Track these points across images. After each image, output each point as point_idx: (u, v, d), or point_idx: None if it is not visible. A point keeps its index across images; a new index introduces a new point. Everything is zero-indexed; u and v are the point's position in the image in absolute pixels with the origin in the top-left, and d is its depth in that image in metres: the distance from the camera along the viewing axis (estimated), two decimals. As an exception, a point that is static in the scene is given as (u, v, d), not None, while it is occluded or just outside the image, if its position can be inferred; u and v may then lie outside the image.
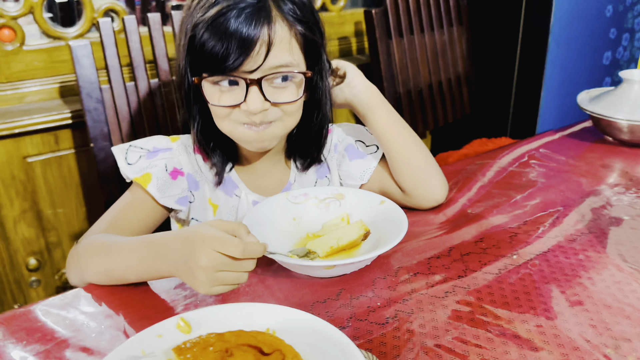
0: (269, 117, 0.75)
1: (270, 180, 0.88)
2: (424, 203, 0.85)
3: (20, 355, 0.57)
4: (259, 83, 0.71)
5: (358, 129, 0.93)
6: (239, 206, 0.86)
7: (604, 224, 0.81)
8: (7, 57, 1.25)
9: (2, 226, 1.27)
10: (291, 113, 0.77)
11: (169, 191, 0.81)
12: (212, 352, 0.50)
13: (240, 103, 0.72)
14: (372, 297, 0.65)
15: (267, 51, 0.70)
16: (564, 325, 0.60)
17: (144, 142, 0.84)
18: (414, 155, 0.84)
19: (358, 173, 0.87)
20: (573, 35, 1.88)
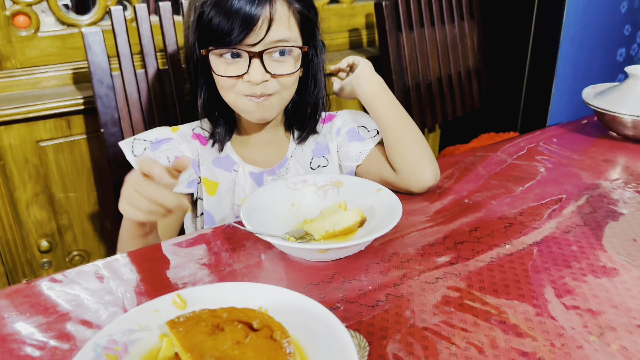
0: (269, 89, 0.82)
1: (267, 152, 0.94)
2: (414, 183, 0.87)
3: (23, 326, 0.59)
4: (260, 56, 0.79)
5: (362, 115, 0.98)
6: (236, 179, 0.92)
7: (601, 217, 0.81)
8: (22, 43, 1.28)
9: (15, 208, 1.31)
10: (288, 86, 0.85)
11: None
12: (204, 326, 0.52)
13: (243, 74, 0.80)
14: (364, 281, 0.67)
15: (268, 27, 0.78)
16: (550, 313, 0.61)
17: (146, 134, 0.92)
18: (408, 136, 0.89)
19: (355, 154, 0.93)
20: (586, 31, 1.87)
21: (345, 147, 0.94)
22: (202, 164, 0.93)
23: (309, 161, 0.95)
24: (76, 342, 0.57)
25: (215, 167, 0.93)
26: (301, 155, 0.95)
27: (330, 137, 0.96)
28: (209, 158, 0.93)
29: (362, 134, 0.94)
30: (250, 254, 0.72)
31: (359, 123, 0.95)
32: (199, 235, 0.78)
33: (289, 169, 0.94)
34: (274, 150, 0.95)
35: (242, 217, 0.70)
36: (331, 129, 0.97)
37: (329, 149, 0.96)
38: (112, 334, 0.53)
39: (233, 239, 0.76)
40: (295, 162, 0.94)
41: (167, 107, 1.23)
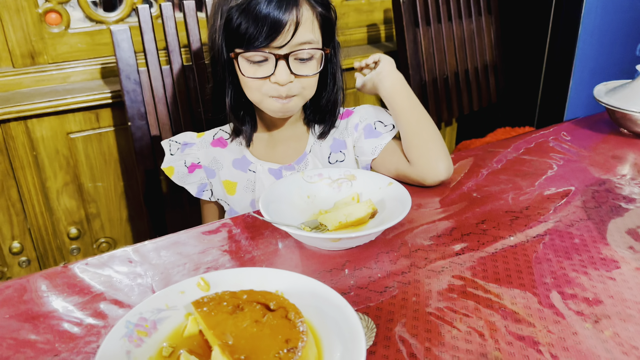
0: (293, 90, 0.87)
1: (287, 148, 0.99)
2: (428, 176, 0.91)
3: (61, 305, 0.65)
4: (286, 58, 0.84)
5: (379, 110, 1.01)
6: (255, 179, 0.97)
7: (605, 211, 0.84)
8: (53, 39, 1.34)
9: (46, 197, 1.38)
10: (309, 87, 0.90)
11: (187, 180, 1.01)
12: (225, 307, 0.57)
13: (269, 75, 0.85)
14: (374, 269, 0.71)
15: (294, 30, 0.83)
16: (548, 301, 0.65)
17: (179, 137, 1.03)
18: (425, 132, 0.93)
19: (370, 149, 0.97)
20: (605, 26, 1.87)
21: (361, 142, 0.98)
22: (222, 167, 1.00)
23: (327, 156, 1.00)
24: (109, 319, 0.63)
25: (234, 168, 0.99)
26: (319, 150, 1.00)
27: (347, 132, 1.00)
28: (229, 160, 1.00)
29: (379, 129, 0.97)
30: (268, 242, 0.77)
31: (376, 118, 0.99)
32: (221, 224, 0.83)
33: (308, 163, 0.98)
34: (293, 146, 1.00)
35: (261, 207, 0.75)
36: (348, 125, 1.00)
37: (346, 144, 1.00)
38: (142, 313, 0.58)
39: (252, 228, 0.81)
40: (314, 157, 0.99)
41: (190, 101, 1.28)
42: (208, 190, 1.02)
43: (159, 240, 0.78)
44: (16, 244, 1.37)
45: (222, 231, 0.81)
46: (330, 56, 0.94)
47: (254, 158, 0.99)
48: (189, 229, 0.82)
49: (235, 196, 0.99)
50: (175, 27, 1.24)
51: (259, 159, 0.99)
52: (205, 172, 1.01)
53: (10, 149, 1.30)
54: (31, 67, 1.34)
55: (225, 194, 1.00)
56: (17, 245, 1.37)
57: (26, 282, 0.70)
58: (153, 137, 1.26)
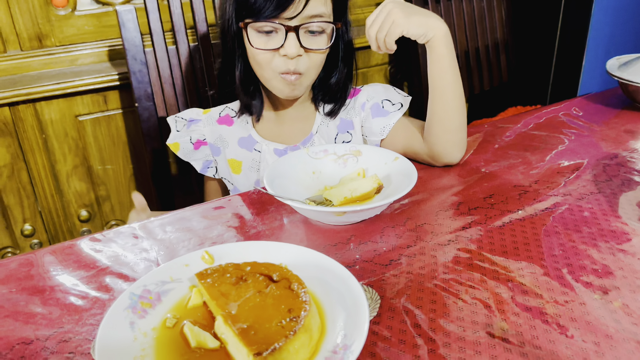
0: (301, 66, 0.85)
1: (293, 129, 0.98)
2: (440, 159, 0.89)
3: (67, 279, 0.66)
4: (296, 30, 0.82)
5: (386, 88, 0.99)
6: (260, 159, 0.96)
7: (616, 185, 0.83)
8: (60, 22, 1.34)
9: (57, 179, 1.39)
10: (317, 64, 0.88)
11: (193, 156, 1.01)
12: (229, 278, 0.57)
13: (278, 47, 0.83)
14: (379, 243, 0.71)
15: (306, 2, 0.81)
16: (556, 273, 0.64)
17: (185, 113, 1.02)
18: (457, 113, 0.86)
19: (378, 129, 0.95)
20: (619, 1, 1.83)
21: (368, 122, 0.96)
22: (228, 145, 0.99)
23: (334, 137, 0.98)
24: (114, 292, 0.63)
25: (239, 147, 0.98)
26: (326, 130, 0.98)
27: (354, 112, 0.98)
28: (235, 139, 0.99)
29: (387, 108, 0.95)
30: (273, 218, 0.77)
31: (383, 97, 0.96)
32: (226, 200, 0.83)
33: (314, 144, 0.97)
34: (299, 127, 0.99)
35: (266, 183, 0.75)
36: (355, 104, 0.99)
37: (353, 124, 0.98)
38: (146, 285, 0.58)
39: (257, 204, 0.81)
40: (320, 137, 0.98)
41: (197, 82, 1.28)
42: (213, 167, 1.02)
43: (165, 217, 0.78)
44: (28, 226, 1.38)
45: (227, 207, 0.81)
46: (341, 33, 0.91)
47: (259, 137, 0.98)
48: (194, 206, 0.81)
49: (241, 175, 0.99)
50: (181, 8, 1.23)
51: (265, 139, 0.98)
52: (210, 149, 1.01)
53: (20, 132, 1.31)
54: (39, 49, 1.34)
55: (230, 172, 1.00)
56: (29, 228, 1.39)
57: (33, 257, 0.70)
58: (160, 118, 1.26)
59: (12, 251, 1.40)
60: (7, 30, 1.29)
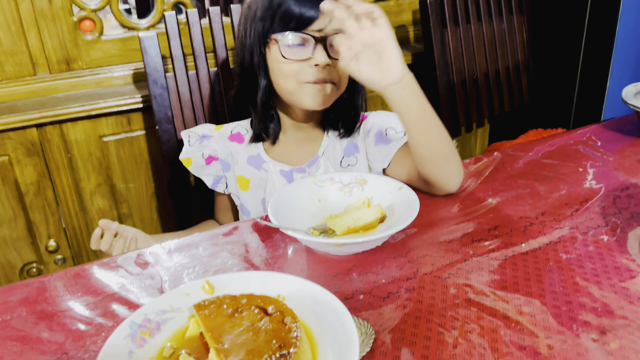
0: (332, 75, 0.88)
1: (300, 150, 1.01)
2: (438, 191, 0.90)
3: (75, 304, 0.68)
4: (324, 41, 0.86)
5: (392, 116, 1.00)
6: (267, 178, 0.99)
7: (624, 218, 0.82)
8: (87, 46, 1.40)
9: (80, 197, 1.43)
10: (343, 80, 0.91)
11: (204, 171, 1.04)
12: (225, 310, 0.59)
13: (309, 58, 0.87)
14: (379, 274, 0.71)
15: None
16: (555, 310, 0.63)
17: (198, 128, 1.06)
18: (434, 150, 0.84)
19: (380, 157, 0.97)
20: (645, 23, 1.80)
21: (372, 149, 0.98)
22: (237, 162, 1.02)
23: (340, 160, 1.00)
24: (119, 319, 0.65)
25: (248, 164, 1.01)
26: (332, 153, 1.00)
27: (360, 137, 1.01)
28: (244, 156, 1.02)
29: (390, 136, 0.97)
30: (277, 246, 0.79)
31: (387, 125, 0.98)
32: (233, 227, 0.85)
33: (320, 166, 0.99)
34: (306, 148, 1.01)
35: (270, 211, 0.76)
36: (361, 130, 1.01)
37: (358, 148, 1.00)
38: (147, 314, 0.60)
39: (263, 231, 0.83)
40: (326, 160, 1.00)
41: (215, 105, 1.31)
42: (223, 183, 1.05)
43: (173, 243, 0.81)
44: (52, 242, 1.43)
45: (233, 234, 0.83)
46: None
47: (267, 157, 1.01)
48: (203, 232, 0.84)
49: (248, 192, 1.02)
50: (201, 33, 1.27)
51: (272, 159, 1.01)
52: (221, 165, 1.04)
53: (46, 151, 1.36)
54: (66, 72, 1.40)
55: (237, 189, 1.03)
56: (53, 244, 1.43)
57: (47, 280, 0.73)
58: (179, 140, 1.30)
59: (37, 266, 1.45)
60: (37, 54, 1.35)
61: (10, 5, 1.28)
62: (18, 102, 1.35)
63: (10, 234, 1.39)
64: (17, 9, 1.29)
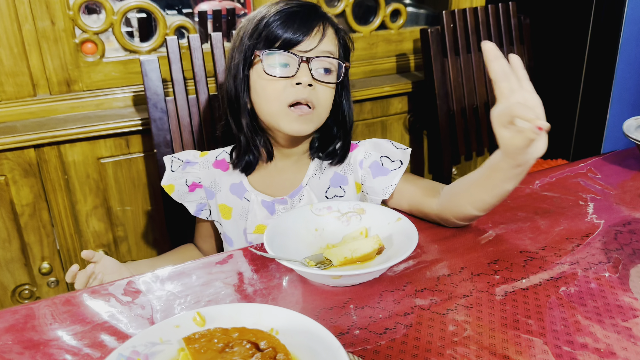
0: (313, 96, 0.87)
1: (283, 180, 0.98)
2: (450, 223, 0.88)
3: (62, 333, 0.66)
4: (309, 62, 0.87)
5: (383, 145, 0.98)
6: (249, 208, 0.97)
7: (626, 254, 0.80)
8: (89, 68, 1.40)
9: (76, 219, 1.42)
10: (327, 101, 0.91)
11: (187, 198, 1.03)
12: (216, 344, 0.57)
13: (292, 75, 0.87)
14: (376, 308, 0.70)
15: (320, 39, 0.87)
16: (555, 350, 0.62)
17: (182, 154, 1.04)
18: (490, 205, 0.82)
19: (380, 189, 0.94)
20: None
21: (369, 182, 0.95)
22: (220, 190, 1.00)
23: (325, 190, 0.98)
24: (107, 350, 0.63)
25: (231, 193, 0.99)
26: (317, 183, 0.98)
27: (349, 168, 0.98)
28: (227, 184, 1.00)
29: (386, 166, 0.94)
30: (272, 276, 0.77)
31: (381, 153, 0.96)
32: (227, 255, 0.83)
33: (303, 197, 0.96)
34: (290, 178, 0.98)
35: (265, 240, 0.75)
36: (351, 160, 0.98)
37: (347, 180, 0.98)
38: (135, 346, 0.58)
39: (258, 261, 0.81)
40: (310, 190, 0.97)
41: (215, 130, 1.30)
42: (207, 210, 1.04)
43: (165, 271, 0.79)
44: (45, 264, 1.41)
45: (228, 263, 0.81)
46: (345, 82, 0.95)
47: (250, 187, 0.99)
48: (196, 260, 0.82)
49: (230, 221, 1.00)
50: (202, 58, 1.27)
51: (255, 189, 0.98)
52: (205, 192, 1.02)
53: (43, 172, 1.35)
54: (67, 94, 1.40)
55: (220, 217, 1.01)
56: (47, 266, 1.41)
57: (36, 308, 0.71)
58: (177, 164, 1.29)
59: (30, 288, 1.43)
60: (37, 74, 1.35)
61: (13, 27, 1.29)
62: (17, 123, 1.34)
63: (3, 255, 1.37)
64: (20, 30, 1.30)
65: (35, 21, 1.30)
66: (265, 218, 0.97)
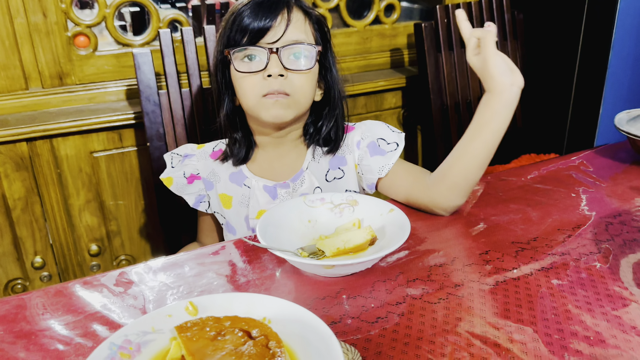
0: (285, 87, 0.87)
1: (282, 165, 0.99)
2: (440, 204, 0.89)
3: (54, 323, 0.66)
4: (278, 52, 0.86)
5: (380, 127, 1.00)
6: (250, 195, 0.98)
7: (617, 245, 0.81)
8: (81, 61, 1.39)
9: (69, 214, 1.41)
10: (303, 88, 0.90)
11: (186, 190, 1.03)
12: (208, 332, 0.57)
13: (262, 69, 0.87)
14: (368, 298, 0.70)
15: (285, 27, 0.86)
16: (546, 339, 0.62)
17: (180, 149, 1.05)
18: (477, 164, 0.88)
19: (377, 168, 0.95)
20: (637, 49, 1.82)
21: (367, 160, 0.96)
22: (220, 180, 1.01)
23: (325, 173, 0.99)
24: (99, 340, 0.63)
25: (230, 182, 1.00)
26: (317, 167, 0.99)
27: (348, 149, 0.99)
28: (226, 174, 1.01)
29: (383, 147, 0.96)
30: (264, 267, 0.77)
31: (377, 136, 0.97)
32: (221, 246, 0.83)
33: (304, 181, 0.97)
34: (289, 164, 0.99)
35: (258, 231, 0.75)
36: (348, 141, 0.99)
37: (345, 160, 0.99)
38: (127, 335, 0.58)
39: (250, 252, 0.81)
40: (311, 174, 0.98)
41: (208, 124, 1.30)
42: (205, 202, 1.04)
43: (158, 262, 0.79)
44: (38, 259, 1.41)
45: (220, 254, 0.81)
46: (328, 66, 0.95)
47: (249, 173, 0.99)
48: (189, 251, 0.82)
49: (231, 210, 1.00)
50: (196, 52, 1.27)
51: (255, 175, 0.99)
52: (204, 184, 1.03)
53: (36, 166, 1.34)
54: (59, 87, 1.39)
55: (221, 207, 1.02)
56: (39, 260, 1.41)
57: (27, 298, 0.71)
58: (170, 157, 1.29)
59: (22, 283, 1.42)
60: (30, 68, 1.34)
61: (5, 20, 1.28)
62: (9, 116, 1.33)
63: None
64: (12, 23, 1.29)
65: (27, 14, 1.30)
66: (267, 203, 0.97)
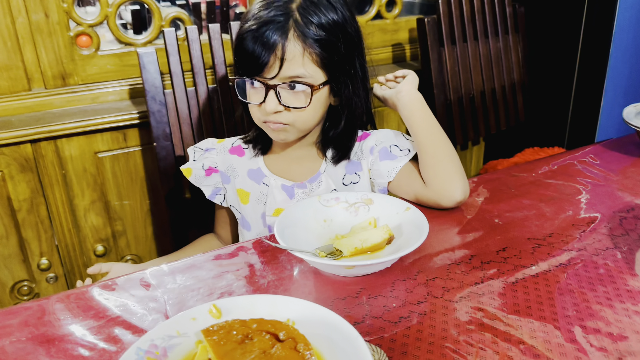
0: (282, 119, 0.89)
1: (300, 166, 1.01)
2: (443, 196, 0.90)
3: (76, 328, 0.66)
4: (274, 88, 0.87)
5: (395, 134, 1.01)
6: (268, 192, 0.99)
7: (632, 240, 0.81)
8: (84, 61, 1.38)
9: (74, 214, 1.40)
10: (301, 119, 0.91)
11: (203, 182, 1.05)
12: (235, 336, 0.57)
13: (260, 102, 0.89)
14: (389, 297, 0.70)
15: (280, 65, 0.85)
16: (569, 335, 0.62)
17: (202, 143, 1.08)
18: (441, 152, 0.92)
19: (386, 172, 0.96)
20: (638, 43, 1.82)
21: (376, 165, 0.97)
22: (238, 176, 1.02)
23: (342, 177, 0.99)
24: (123, 344, 0.63)
25: (249, 178, 1.01)
26: (334, 170, 0.99)
27: (363, 155, 1.00)
28: (245, 170, 1.02)
29: (394, 153, 0.97)
30: (283, 268, 0.77)
31: (391, 142, 0.98)
32: (237, 247, 0.83)
33: (321, 183, 0.98)
34: (307, 165, 1.00)
35: (276, 232, 0.75)
36: (363, 147, 1.00)
37: (361, 165, 0.99)
38: (153, 339, 0.58)
39: (268, 252, 0.81)
40: (328, 177, 0.99)
41: (215, 122, 1.30)
42: (221, 195, 1.05)
43: (176, 263, 0.79)
44: (44, 260, 1.40)
45: (238, 255, 0.81)
46: (341, 88, 0.92)
47: (268, 171, 1.01)
48: (206, 252, 0.82)
49: (248, 206, 1.01)
50: (201, 50, 1.26)
51: (273, 174, 1.00)
52: (221, 177, 1.04)
53: (40, 167, 1.33)
54: (62, 88, 1.38)
55: (238, 202, 1.03)
56: (45, 262, 1.40)
57: (46, 303, 0.71)
58: (177, 157, 1.28)
59: (29, 284, 1.42)
60: (32, 68, 1.33)
61: (6, 20, 1.26)
62: (12, 118, 1.32)
63: (1, 252, 1.35)
64: (13, 23, 1.27)
65: (28, 14, 1.28)
66: (284, 202, 0.98)
